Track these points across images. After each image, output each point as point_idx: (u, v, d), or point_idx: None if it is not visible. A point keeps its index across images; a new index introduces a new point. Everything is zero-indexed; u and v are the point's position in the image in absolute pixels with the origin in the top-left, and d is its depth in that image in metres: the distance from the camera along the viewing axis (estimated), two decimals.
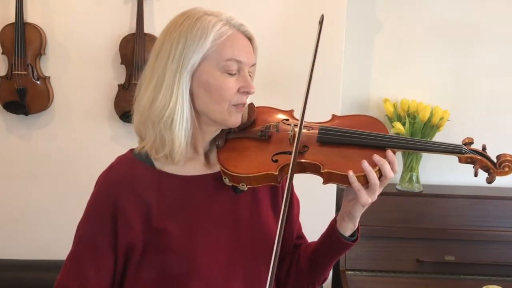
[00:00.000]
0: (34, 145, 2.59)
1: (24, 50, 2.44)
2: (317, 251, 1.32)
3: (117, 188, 1.21)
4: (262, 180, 1.20)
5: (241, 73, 1.21)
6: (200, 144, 1.27)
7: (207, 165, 1.28)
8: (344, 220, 1.25)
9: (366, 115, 1.33)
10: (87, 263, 1.22)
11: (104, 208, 1.21)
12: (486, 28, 2.74)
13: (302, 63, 2.44)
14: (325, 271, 1.35)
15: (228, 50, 1.18)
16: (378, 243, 2.47)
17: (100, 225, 1.21)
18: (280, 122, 1.29)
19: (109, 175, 1.25)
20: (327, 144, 1.23)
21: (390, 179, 1.18)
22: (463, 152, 1.21)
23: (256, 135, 1.27)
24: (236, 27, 1.21)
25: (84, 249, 1.23)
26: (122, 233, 1.20)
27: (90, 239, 1.22)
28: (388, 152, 1.18)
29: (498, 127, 2.77)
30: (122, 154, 1.29)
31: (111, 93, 2.50)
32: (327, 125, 1.29)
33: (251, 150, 1.25)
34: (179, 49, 1.17)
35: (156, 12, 2.47)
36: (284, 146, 1.24)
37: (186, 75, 1.18)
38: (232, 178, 1.21)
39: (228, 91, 1.19)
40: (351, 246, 1.28)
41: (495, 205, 2.57)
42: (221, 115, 1.21)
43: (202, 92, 1.20)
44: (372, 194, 1.18)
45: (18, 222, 2.63)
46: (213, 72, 1.18)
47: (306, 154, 1.21)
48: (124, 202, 1.20)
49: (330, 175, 1.17)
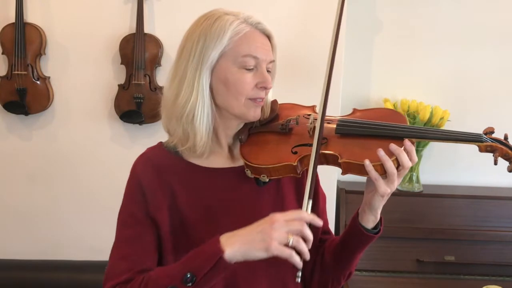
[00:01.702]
0: (34, 145, 2.59)
1: (24, 50, 2.44)
2: (340, 245, 1.33)
3: (146, 171, 1.28)
4: (282, 171, 1.24)
5: (258, 69, 1.26)
6: (223, 138, 1.32)
7: (231, 159, 1.33)
8: (365, 212, 1.27)
9: (387, 108, 1.34)
10: (134, 243, 1.25)
11: (136, 189, 1.27)
12: (486, 28, 2.74)
13: (301, 57, 2.46)
14: (350, 265, 1.36)
15: (244, 46, 1.24)
16: (378, 243, 2.41)
17: (136, 205, 1.26)
18: (301, 116, 1.33)
19: (139, 162, 1.31)
20: (346, 136, 1.25)
21: (408, 169, 1.19)
22: (482, 141, 1.21)
23: (277, 128, 1.31)
24: (253, 25, 1.27)
25: (128, 232, 1.27)
26: (152, 209, 1.25)
27: (132, 221, 1.26)
28: (406, 142, 1.19)
29: (498, 127, 2.76)
30: (152, 146, 1.35)
31: (111, 93, 2.51)
32: (347, 118, 1.32)
33: (272, 143, 1.29)
34: (199, 47, 1.23)
35: (156, 12, 2.47)
36: (304, 138, 1.27)
37: (206, 71, 1.24)
38: (254, 169, 1.25)
39: (245, 86, 1.24)
40: (373, 239, 1.29)
41: (495, 205, 2.57)
42: (239, 109, 1.26)
43: (221, 88, 1.25)
44: (391, 184, 1.19)
45: (18, 222, 2.63)
46: (231, 68, 1.24)
47: (325, 145, 1.24)
48: (152, 184, 1.26)
49: (348, 165, 1.19)
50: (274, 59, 1.31)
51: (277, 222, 1.11)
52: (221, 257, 1.11)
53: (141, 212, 1.25)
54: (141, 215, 1.25)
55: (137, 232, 1.25)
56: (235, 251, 1.11)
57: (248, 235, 1.12)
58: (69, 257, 2.46)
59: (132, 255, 1.24)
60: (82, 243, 2.57)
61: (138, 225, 1.25)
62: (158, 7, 2.47)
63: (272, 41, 1.30)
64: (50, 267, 2.43)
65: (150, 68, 2.46)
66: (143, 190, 1.26)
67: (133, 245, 1.25)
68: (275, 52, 1.32)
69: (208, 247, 1.14)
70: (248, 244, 1.11)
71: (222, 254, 1.11)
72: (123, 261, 1.24)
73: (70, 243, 2.58)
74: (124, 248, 1.25)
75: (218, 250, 1.11)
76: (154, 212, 1.25)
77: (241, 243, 1.12)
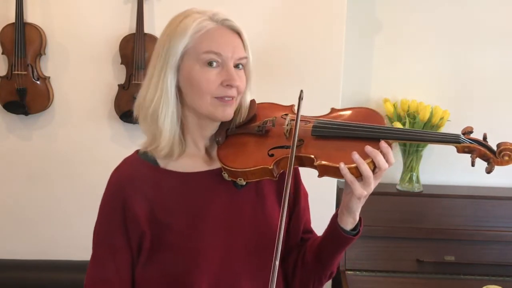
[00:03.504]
0: (34, 145, 2.59)
1: (24, 50, 2.44)
2: (321, 246, 1.32)
3: (122, 187, 1.26)
4: (259, 174, 1.22)
5: (224, 67, 1.22)
6: (200, 140, 1.30)
7: (208, 162, 1.31)
8: (343, 214, 1.25)
9: (365, 107, 1.32)
10: (107, 265, 1.26)
11: (113, 208, 1.26)
12: (486, 28, 2.74)
13: (302, 57, 2.46)
14: (330, 265, 1.34)
15: (206, 43, 1.20)
16: (378, 243, 2.47)
17: (113, 225, 1.25)
18: (277, 117, 1.31)
19: (114, 176, 1.30)
20: (322, 138, 1.23)
21: (385, 171, 1.16)
22: (460, 142, 1.17)
23: (253, 130, 1.29)
24: (219, 22, 1.23)
25: (102, 252, 1.28)
26: (132, 230, 1.24)
27: (106, 240, 1.27)
28: (382, 143, 1.17)
29: (498, 127, 2.76)
30: (128, 156, 1.34)
31: (111, 93, 2.50)
32: (324, 118, 1.30)
33: (249, 145, 1.27)
34: (165, 48, 1.22)
35: (156, 12, 2.47)
36: (280, 140, 1.25)
37: (170, 70, 1.22)
38: (230, 173, 1.24)
39: (208, 84, 1.21)
40: (352, 240, 1.27)
41: (495, 205, 2.57)
42: (206, 108, 1.23)
43: (187, 87, 1.23)
44: (367, 187, 1.16)
45: (18, 222, 2.63)
46: (194, 66, 1.21)
47: (301, 147, 1.22)
48: (129, 200, 1.24)
49: (324, 168, 1.18)
50: (245, 56, 1.25)
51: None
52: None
53: (117, 231, 1.25)
54: (117, 235, 1.25)
55: (112, 253, 1.26)
56: None
57: None
58: (69, 257, 2.45)
59: (108, 279, 1.26)
60: (82, 243, 2.55)
61: (112, 246, 1.26)
62: (158, 7, 2.47)
63: (242, 37, 1.25)
64: (50, 267, 2.43)
65: None
66: (122, 211, 1.24)
67: (109, 267, 1.26)
68: (247, 48, 1.26)
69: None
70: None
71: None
72: (98, 285, 1.27)
73: (70, 243, 2.57)
74: (101, 270, 1.27)
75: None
76: (134, 232, 1.24)
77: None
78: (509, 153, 1.14)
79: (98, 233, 1.30)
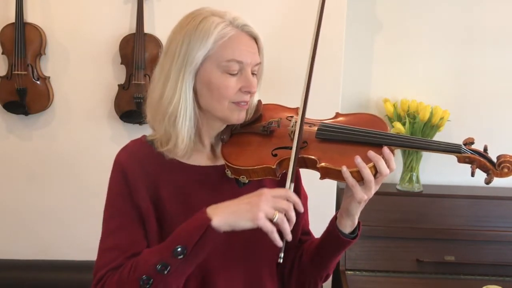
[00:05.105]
0: (34, 145, 2.59)
1: (24, 50, 2.44)
2: (318, 248, 1.34)
3: (130, 163, 1.27)
4: (261, 173, 1.24)
5: (243, 73, 1.24)
6: (206, 137, 1.32)
7: (213, 158, 1.33)
8: (342, 217, 1.27)
9: (369, 113, 1.35)
10: (120, 232, 1.24)
11: (121, 181, 1.26)
12: (486, 28, 2.74)
13: (303, 62, 2.45)
14: (327, 268, 1.36)
15: (228, 51, 1.22)
16: (378, 243, 2.47)
17: (121, 196, 1.25)
18: (283, 118, 1.33)
19: (123, 154, 1.30)
20: (326, 141, 1.25)
21: (386, 177, 1.19)
22: (461, 152, 1.21)
23: (258, 130, 1.31)
24: (239, 27, 1.24)
25: (113, 221, 1.26)
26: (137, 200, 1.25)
27: (116, 210, 1.26)
28: (384, 149, 1.19)
29: (498, 127, 2.77)
30: (136, 138, 1.35)
31: (111, 93, 2.50)
32: (329, 122, 1.32)
33: (253, 144, 1.29)
34: (184, 49, 1.22)
35: (156, 12, 2.47)
36: (284, 141, 1.27)
37: (189, 74, 1.22)
38: (233, 170, 1.26)
39: (228, 91, 1.23)
40: (350, 244, 1.29)
41: (495, 205, 2.57)
42: (222, 112, 1.25)
43: (204, 91, 1.24)
44: (368, 191, 1.19)
45: (18, 222, 2.63)
46: (215, 71, 1.22)
47: (304, 149, 1.24)
48: (136, 176, 1.25)
49: (326, 170, 1.20)
50: (260, 61, 1.29)
51: (265, 196, 1.13)
52: (209, 226, 1.12)
53: (126, 204, 1.24)
54: (127, 206, 1.24)
55: (123, 222, 1.24)
56: (222, 220, 1.13)
57: (235, 206, 1.14)
58: (69, 257, 2.46)
59: (120, 244, 1.23)
60: (82, 243, 2.56)
61: (124, 215, 1.24)
62: (158, 7, 2.47)
63: (258, 43, 1.28)
64: (50, 267, 2.43)
65: (150, 68, 2.45)
66: (127, 181, 1.25)
67: (120, 235, 1.23)
68: (261, 54, 1.29)
69: (194, 219, 1.15)
70: (235, 213, 1.13)
71: (209, 223, 1.12)
72: (111, 251, 1.23)
73: (70, 243, 2.58)
74: (111, 239, 1.24)
75: (205, 219, 1.13)
76: (139, 203, 1.24)
77: (228, 213, 1.13)
78: (508, 165, 1.19)
79: (109, 208, 1.28)
